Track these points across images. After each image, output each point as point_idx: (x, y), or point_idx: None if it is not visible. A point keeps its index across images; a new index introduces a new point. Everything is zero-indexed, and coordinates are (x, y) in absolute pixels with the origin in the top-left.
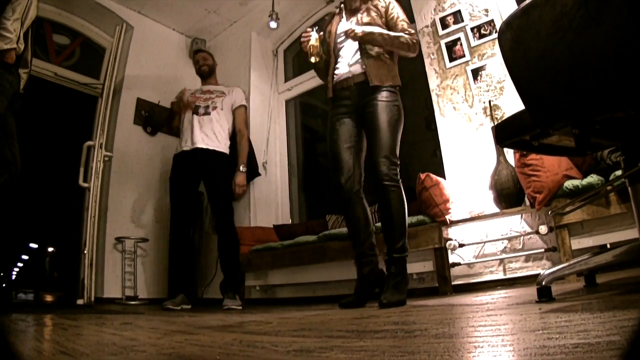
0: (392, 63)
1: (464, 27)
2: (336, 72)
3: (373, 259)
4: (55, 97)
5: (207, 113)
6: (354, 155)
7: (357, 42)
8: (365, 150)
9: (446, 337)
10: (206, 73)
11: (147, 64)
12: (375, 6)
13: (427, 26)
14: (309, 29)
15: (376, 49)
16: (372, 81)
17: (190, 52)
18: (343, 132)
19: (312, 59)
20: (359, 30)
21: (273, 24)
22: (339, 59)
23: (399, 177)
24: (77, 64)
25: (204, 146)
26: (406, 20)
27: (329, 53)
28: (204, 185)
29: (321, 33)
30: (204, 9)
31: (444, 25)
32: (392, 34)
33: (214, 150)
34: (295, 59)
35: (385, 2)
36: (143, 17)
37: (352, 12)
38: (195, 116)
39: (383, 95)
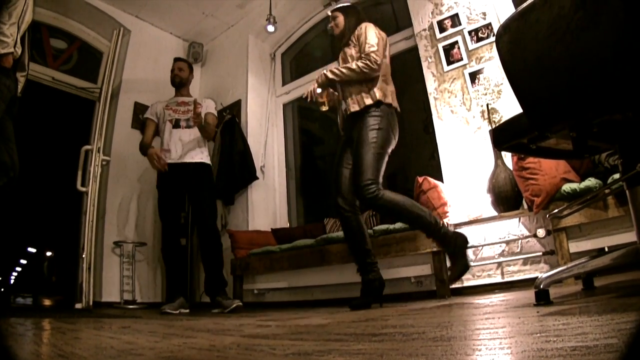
0: (370, 83)
1: (462, 30)
2: (341, 109)
3: (374, 267)
4: (52, 101)
5: (189, 126)
6: (350, 177)
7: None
8: None
9: (444, 340)
10: (177, 84)
11: (144, 67)
12: (353, 38)
13: (424, 29)
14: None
15: (341, 81)
16: (348, 110)
17: (188, 56)
18: (342, 158)
19: (323, 108)
20: (314, 83)
21: (270, 28)
22: (341, 96)
23: (376, 191)
24: (74, 68)
25: (189, 160)
26: (369, 41)
27: (338, 95)
28: (188, 196)
29: (319, 91)
30: (201, 12)
31: (442, 29)
32: (342, 67)
33: (200, 163)
34: (293, 63)
35: (358, 31)
36: (140, 21)
37: (339, 51)
38: (176, 130)
39: (365, 122)
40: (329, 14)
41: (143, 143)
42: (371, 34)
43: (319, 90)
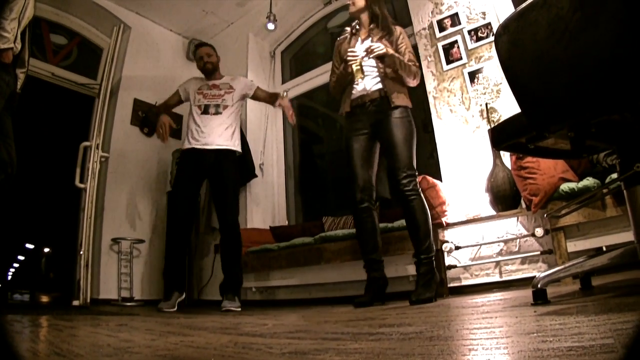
0: (404, 86)
1: (461, 29)
2: (354, 89)
3: (381, 265)
4: (52, 97)
5: (217, 112)
6: (367, 171)
7: (374, 62)
8: (376, 164)
9: (441, 340)
10: (210, 71)
11: (144, 64)
12: (387, 35)
13: (424, 28)
14: (354, 49)
15: (389, 70)
16: (392, 100)
17: (188, 53)
18: (358, 150)
19: (360, 77)
20: (382, 49)
21: (270, 26)
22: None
23: (418, 186)
24: (74, 64)
25: (215, 147)
26: (412, 52)
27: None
28: (209, 184)
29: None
30: (201, 9)
31: (442, 28)
32: (406, 61)
33: (226, 149)
34: (293, 61)
35: (397, 33)
36: (141, 17)
37: (367, 35)
38: (205, 116)
39: (397, 113)
40: None
41: (159, 106)
42: (410, 47)
43: (380, 52)
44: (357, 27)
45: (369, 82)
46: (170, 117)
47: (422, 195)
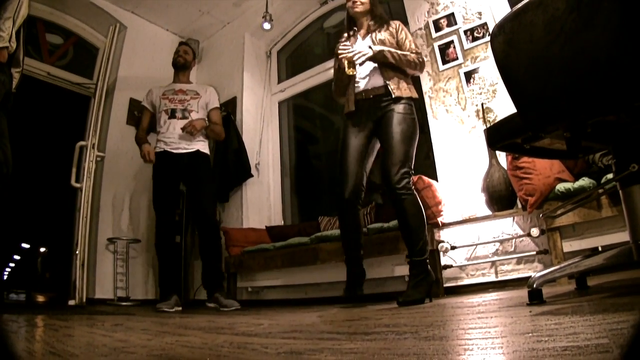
0: (409, 77)
1: (457, 29)
2: (357, 87)
3: (361, 260)
4: (47, 96)
5: (184, 117)
6: (359, 169)
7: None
8: (370, 165)
9: (436, 340)
10: (180, 65)
11: (140, 64)
12: (389, 29)
13: (420, 29)
14: (347, 43)
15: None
16: (394, 92)
17: None
18: (353, 147)
19: (350, 71)
20: (370, 52)
21: (267, 25)
22: (358, 76)
23: (411, 184)
24: (70, 64)
25: (184, 150)
26: (414, 42)
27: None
28: (185, 185)
29: (362, 59)
30: (197, 9)
31: (437, 28)
32: (400, 52)
33: (196, 152)
34: (289, 61)
35: (396, 25)
36: (137, 17)
37: (366, 32)
38: (172, 120)
39: (400, 108)
40: None
41: (139, 134)
42: (411, 37)
43: (362, 59)
44: (355, 28)
45: (371, 78)
46: (149, 146)
47: (415, 194)
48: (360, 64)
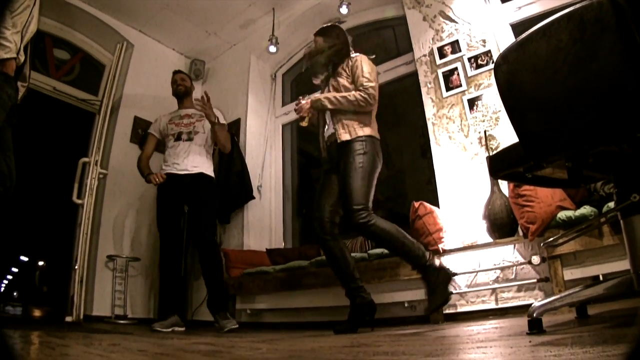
0: (364, 116)
1: (462, 57)
2: (325, 135)
3: (361, 292)
4: (53, 111)
5: (190, 139)
6: (330, 202)
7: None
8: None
9: None
10: (182, 93)
11: (145, 82)
12: (345, 68)
13: (424, 55)
14: (300, 98)
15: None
16: (339, 137)
17: (190, 73)
18: (325, 184)
19: (303, 123)
20: (300, 112)
21: (272, 48)
22: (327, 122)
23: (368, 217)
24: (76, 80)
25: (190, 171)
26: (366, 75)
27: (319, 118)
28: (187, 207)
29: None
30: (204, 30)
31: (442, 55)
32: (339, 96)
33: (200, 174)
34: (293, 84)
35: (352, 61)
36: (144, 35)
37: (327, 78)
38: (178, 142)
39: (352, 148)
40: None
41: (141, 160)
42: (367, 68)
43: (305, 113)
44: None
45: (330, 124)
46: (154, 174)
47: (374, 220)
48: (310, 117)
